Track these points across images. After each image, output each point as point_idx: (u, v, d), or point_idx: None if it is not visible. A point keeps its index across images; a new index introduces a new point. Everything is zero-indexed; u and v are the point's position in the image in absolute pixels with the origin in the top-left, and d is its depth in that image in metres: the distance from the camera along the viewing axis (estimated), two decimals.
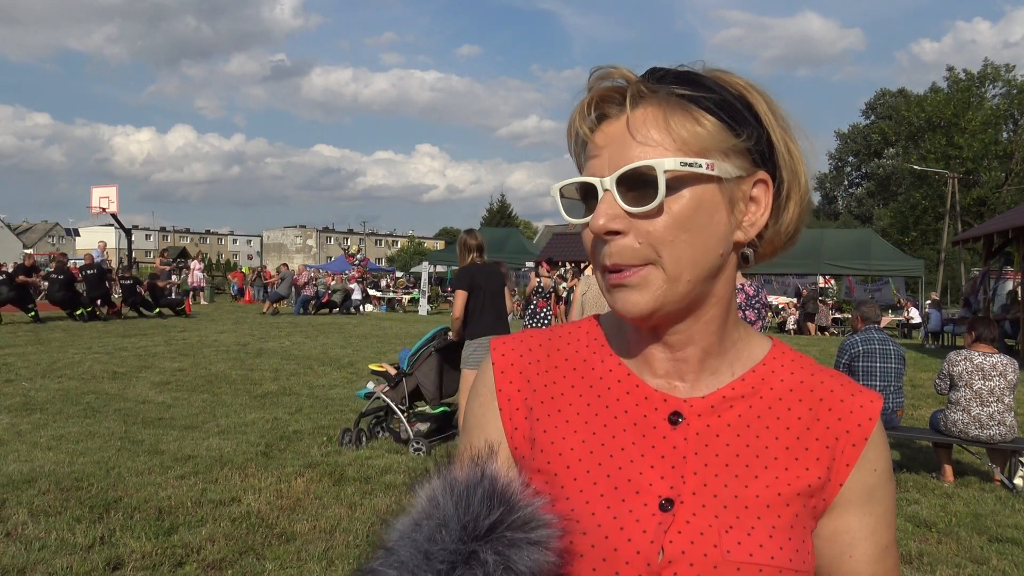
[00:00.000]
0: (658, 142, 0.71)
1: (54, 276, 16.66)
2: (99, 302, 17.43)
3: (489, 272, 5.81)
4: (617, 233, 0.71)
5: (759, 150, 0.74)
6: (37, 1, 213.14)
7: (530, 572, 0.66)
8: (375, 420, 6.50)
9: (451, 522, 0.68)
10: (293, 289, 23.29)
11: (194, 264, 26.84)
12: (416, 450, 5.87)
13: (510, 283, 6.08)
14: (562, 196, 0.77)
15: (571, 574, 0.72)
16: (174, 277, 22.52)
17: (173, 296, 19.95)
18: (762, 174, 0.74)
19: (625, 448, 0.76)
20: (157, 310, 18.65)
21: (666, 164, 0.69)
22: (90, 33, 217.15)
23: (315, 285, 23.38)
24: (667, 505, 0.73)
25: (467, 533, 0.67)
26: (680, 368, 0.78)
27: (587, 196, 0.75)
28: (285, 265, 25.85)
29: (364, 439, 6.11)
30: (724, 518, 0.72)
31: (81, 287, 17.36)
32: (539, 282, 10.99)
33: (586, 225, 0.74)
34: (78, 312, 16.68)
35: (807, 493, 0.75)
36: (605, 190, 0.71)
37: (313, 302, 22.74)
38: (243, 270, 36.30)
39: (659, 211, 0.70)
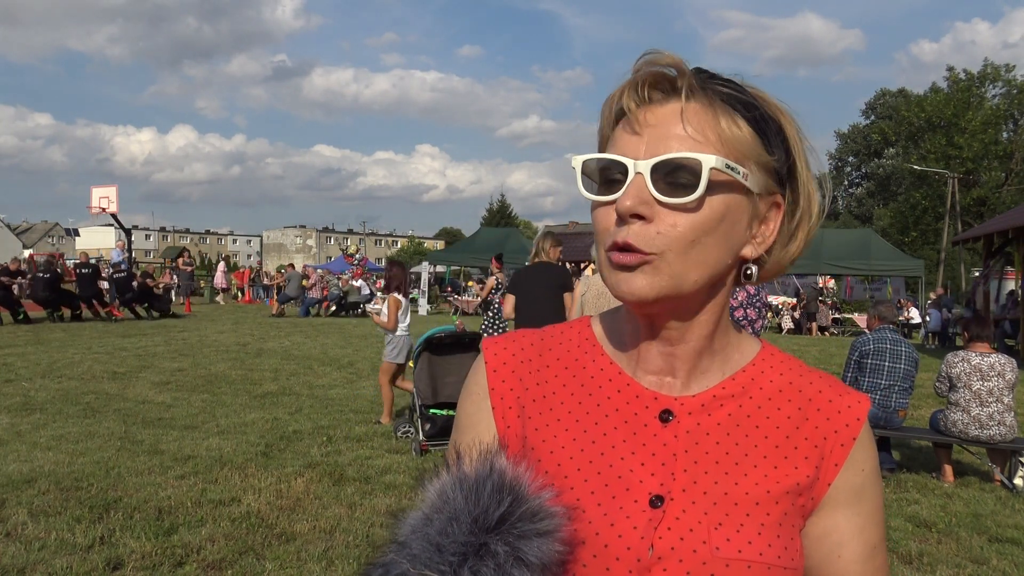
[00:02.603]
0: (705, 138, 0.70)
1: (39, 275, 16.34)
2: (94, 302, 17.02)
3: (532, 274, 5.86)
4: (641, 218, 0.70)
5: (781, 174, 0.75)
6: (38, 2, 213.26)
7: (540, 562, 0.68)
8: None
9: (462, 515, 0.69)
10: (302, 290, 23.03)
11: (220, 266, 27.19)
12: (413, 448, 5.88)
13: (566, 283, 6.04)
14: (582, 171, 0.75)
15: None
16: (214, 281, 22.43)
17: (163, 297, 19.57)
18: (778, 197, 0.75)
19: (615, 446, 0.77)
20: (147, 307, 18.04)
21: (712, 162, 0.68)
22: (91, 34, 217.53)
23: (324, 286, 23.10)
24: (657, 502, 0.73)
25: (478, 525, 0.68)
26: (673, 364, 0.78)
27: (608, 180, 0.72)
28: (291, 265, 25.75)
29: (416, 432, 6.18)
30: (713, 515, 0.73)
31: (73, 287, 17.11)
32: (496, 280, 11.02)
33: (604, 203, 0.73)
34: (57, 313, 16.17)
35: (795, 491, 0.76)
36: (637, 173, 0.70)
37: (326, 304, 22.34)
38: (251, 267, 36.75)
39: (695, 207, 0.69)
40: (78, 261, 17.85)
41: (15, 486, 4.70)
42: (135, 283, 17.73)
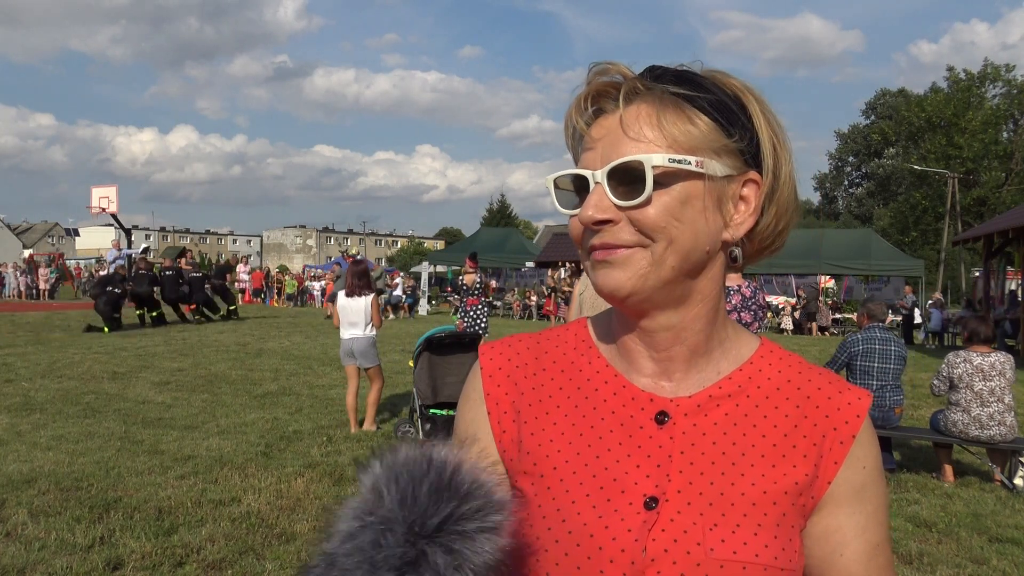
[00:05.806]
0: (650, 139, 0.72)
1: (143, 272, 16.13)
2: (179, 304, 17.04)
3: None
4: (607, 222, 0.72)
5: (751, 151, 0.75)
6: (40, 2, 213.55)
7: (484, 564, 0.65)
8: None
9: (396, 524, 0.64)
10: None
11: (240, 268, 26.96)
12: None
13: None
14: (556, 187, 0.78)
15: (557, 572, 0.73)
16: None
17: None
18: (753, 174, 0.75)
19: (611, 448, 0.77)
20: (232, 307, 18.11)
21: (654, 160, 0.70)
22: (93, 34, 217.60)
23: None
24: (652, 503, 0.73)
25: (414, 533, 0.64)
26: (667, 368, 0.79)
27: (581, 188, 0.76)
28: (338, 264, 25.75)
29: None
30: (709, 516, 0.73)
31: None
32: (462, 281, 11.05)
33: (576, 216, 0.76)
34: (153, 313, 16.18)
35: (795, 491, 0.75)
36: (596, 183, 0.72)
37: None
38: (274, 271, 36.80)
39: (647, 203, 0.71)
40: (162, 264, 17.90)
41: (15, 486, 4.70)
42: (207, 285, 17.76)
